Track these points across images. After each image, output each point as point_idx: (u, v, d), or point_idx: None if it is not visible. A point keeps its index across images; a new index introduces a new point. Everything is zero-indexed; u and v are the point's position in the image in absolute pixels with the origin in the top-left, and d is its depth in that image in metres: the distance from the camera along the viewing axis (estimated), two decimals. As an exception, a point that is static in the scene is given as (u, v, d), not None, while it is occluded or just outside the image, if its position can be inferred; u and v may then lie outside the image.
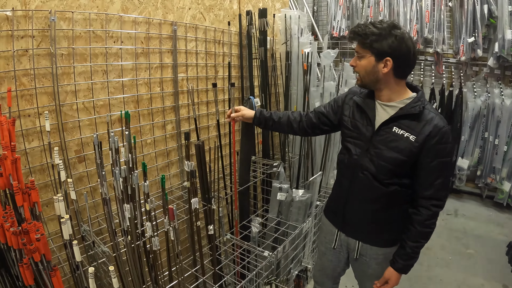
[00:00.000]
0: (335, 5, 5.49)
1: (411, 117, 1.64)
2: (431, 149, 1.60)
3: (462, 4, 4.65)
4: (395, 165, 1.67)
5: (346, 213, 1.90)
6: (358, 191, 1.81)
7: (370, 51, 1.62)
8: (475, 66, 4.93)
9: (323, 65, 3.36)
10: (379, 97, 1.74)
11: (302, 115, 2.10)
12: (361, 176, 1.76)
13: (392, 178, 1.70)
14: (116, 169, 1.59)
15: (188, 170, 1.74)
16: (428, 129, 1.60)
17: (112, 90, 2.05)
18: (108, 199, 1.61)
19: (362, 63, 1.67)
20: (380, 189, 1.72)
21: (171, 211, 1.59)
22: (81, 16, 1.85)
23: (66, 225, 1.46)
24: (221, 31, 2.75)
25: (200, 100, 2.64)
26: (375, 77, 1.66)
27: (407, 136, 1.63)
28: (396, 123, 1.67)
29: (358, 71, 1.71)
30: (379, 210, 1.78)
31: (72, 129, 1.91)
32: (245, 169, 2.47)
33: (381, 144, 1.69)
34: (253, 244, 2.34)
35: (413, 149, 1.62)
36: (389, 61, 1.59)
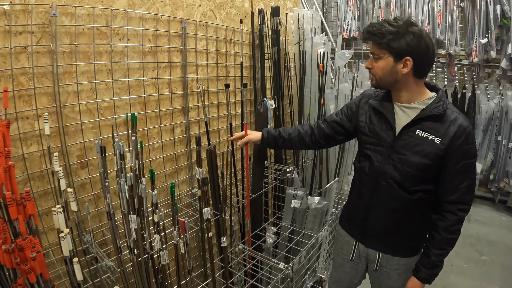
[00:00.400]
0: (345, 6, 5.37)
1: (434, 118, 1.54)
2: (457, 150, 1.52)
3: (475, 5, 4.55)
4: (420, 171, 1.57)
5: (367, 224, 1.77)
6: (381, 201, 1.69)
7: (388, 51, 1.53)
8: (488, 68, 4.83)
9: (337, 66, 3.20)
10: (398, 99, 1.64)
11: (313, 127, 1.99)
12: (384, 184, 1.65)
13: (418, 185, 1.60)
14: (122, 179, 1.42)
15: (200, 178, 1.57)
16: (453, 130, 1.51)
17: (117, 91, 1.90)
18: (113, 213, 1.44)
19: (379, 64, 1.57)
20: (405, 198, 1.62)
21: (183, 225, 1.42)
22: (85, 11, 1.70)
23: (66, 240, 1.29)
24: (233, 29, 2.59)
25: (210, 102, 2.47)
26: (394, 78, 1.56)
27: (432, 138, 1.54)
28: (419, 125, 1.57)
29: (375, 73, 1.61)
30: (403, 219, 1.68)
31: (74, 132, 1.76)
32: (258, 175, 2.31)
33: (405, 149, 1.59)
34: (266, 255, 2.17)
35: (439, 152, 1.52)
36: (408, 60, 1.50)
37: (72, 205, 1.45)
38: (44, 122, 1.54)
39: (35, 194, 1.63)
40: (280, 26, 2.76)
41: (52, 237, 1.68)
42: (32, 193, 1.59)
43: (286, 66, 3.01)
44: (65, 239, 1.28)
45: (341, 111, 1.92)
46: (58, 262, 1.68)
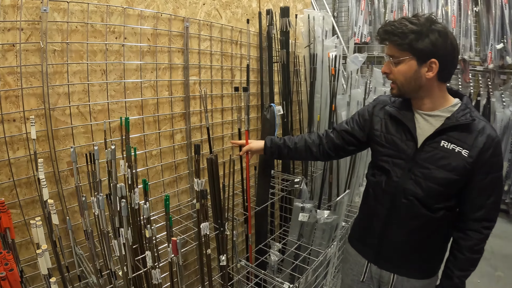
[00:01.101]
0: (357, 10, 5.27)
1: (461, 128, 1.40)
2: (485, 163, 1.38)
3: (490, 9, 4.44)
4: (446, 186, 1.42)
5: (383, 245, 1.62)
6: (400, 220, 1.53)
7: (410, 53, 1.36)
8: (503, 74, 4.70)
9: (350, 71, 3.06)
10: (420, 106, 1.49)
11: (322, 136, 1.84)
12: (405, 202, 1.49)
13: (441, 202, 1.45)
14: (100, 195, 1.27)
15: (198, 190, 1.43)
16: (482, 141, 1.37)
17: (112, 93, 1.77)
18: (91, 231, 1.30)
19: (400, 68, 1.41)
20: (427, 216, 1.47)
21: (174, 245, 1.27)
22: (78, 7, 1.59)
23: (44, 257, 1.15)
24: (239, 30, 2.46)
25: (214, 107, 2.33)
26: (418, 83, 1.40)
27: (459, 150, 1.39)
28: (444, 136, 1.42)
29: (395, 79, 1.44)
30: (422, 238, 1.52)
31: (64, 137, 1.64)
32: (264, 187, 2.16)
33: (429, 162, 1.43)
34: (270, 273, 2.01)
35: (467, 165, 1.38)
36: (434, 63, 1.35)
37: (54, 218, 1.31)
38: (31, 125, 1.42)
39: (22, 202, 1.51)
40: (289, 27, 2.63)
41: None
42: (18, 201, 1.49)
43: (295, 69, 2.87)
44: (43, 255, 1.14)
45: (352, 119, 1.77)
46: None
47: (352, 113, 2.95)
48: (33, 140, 1.43)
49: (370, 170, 1.69)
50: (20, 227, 1.51)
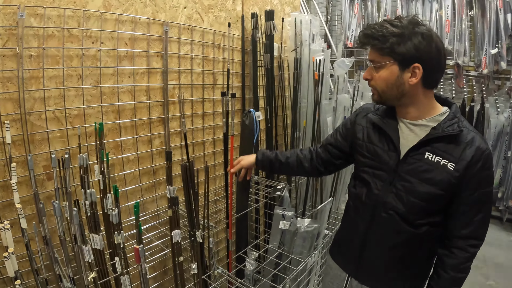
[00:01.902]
0: (350, 14, 5.33)
1: (447, 139, 1.34)
2: (473, 178, 1.33)
3: (484, 14, 4.51)
4: (429, 201, 1.38)
5: (363, 260, 1.59)
6: (380, 234, 1.51)
7: (392, 58, 1.31)
8: (498, 80, 4.76)
9: (337, 76, 3.11)
10: (404, 115, 1.44)
11: (313, 151, 1.83)
12: (385, 216, 1.46)
13: (424, 217, 1.41)
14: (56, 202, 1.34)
15: (169, 197, 1.48)
16: (470, 154, 1.31)
17: (88, 98, 1.82)
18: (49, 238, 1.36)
19: (381, 74, 1.35)
20: (408, 232, 1.43)
21: (137, 253, 1.32)
22: (55, 13, 1.64)
23: (10, 260, 1.20)
24: (222, 34, 2.51)
25: (194, 112, 2.39)
26: (400, 90, 1.35)
27: (444, 163, 1.34)
28: (428, 147, 1.37)
29: (376, 85, 1.40)
30: (405, 255, 1.49)
31: (40, 141, 1.69)
32: (243, 193, 2.21)
33: (411, 175, 1.39)
34: (247, 281, 2.06)
35: (453, 179, 1.33)
36: (418, 68, 1.30)
37: (22, 222, 1.36)
38: (6, 129, 1.48)
39: (-2, 205, 1.56)
40: (274, 31, 2.68)
41: (18, 250, 1.56)
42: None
43: (280, 74, 2.92)
44: (9, 258, 1.19)
45: (335, 131, 1.76)
46: (25, 275, 1.61)
47: (339, 119, 3.02)
48: (8, 145, 1.48)
49: (352, 181, 1.67)
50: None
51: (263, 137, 2.92)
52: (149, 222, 2.12)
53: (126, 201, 2.03)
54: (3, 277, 1.58)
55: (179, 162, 2.29)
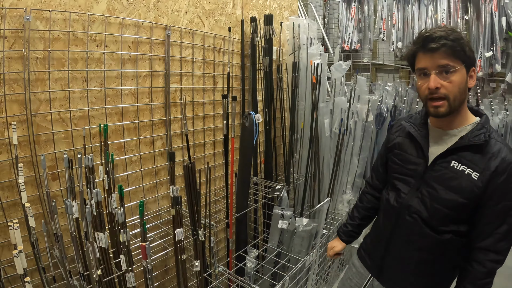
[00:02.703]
0: (347, 17, 5.36)
1: (474, 149, 1.33)
2: (497, 189, 1.30)
3: (479, 17, 4.53)
4: (452, 209, 1.37)
5: (386, 260, 1.63)
6: (404, 236, 1.53)
7: (461, 61, 1.28)
8: (493, 82, 4.76)
9: (334, 79, 3.16)
10: (440, 124, 1.44)
11: (372, 191, 1.84)
12: (409, 219, 1.48)
13: (448, 225, 1.40)
14: (68, 200, 1.37)
15: (172, 196, 1.52)
16: (495, 164, 1.29)
17: (93, 100, 1.86)
18: (60, 235, 1.39)
19: (456, 79, 1.29)
20: (431, 237, 1.43)
21: (144, 250, 1.36)
22: (61, 16, 1.68)
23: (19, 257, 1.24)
24: (222, 38, 2.56)
25: (195, 114, 2.43)
26: (464, 96, 1.33)
27: (469, 173, 1.33)
28: (455, 156, 1.37)
29: (449, 92, 1.30)
30: (427, 261, 1.49)
31: (46, 142, 1.73)
32: (243, 193, 2.25)
33: (437, 182, 1.40)
34: (248, 279, 2.10)
35: (476, 189, 1.32)
36: (474, 71, 1.32)
37: (31, 220, 1.40)
38: (12, 130, 1.51)
39: (4, 205, 1.60)
40: (273, 35, 2.73)
41: (25, 249, 1.62)
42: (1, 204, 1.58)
43: (278, 77, 2.97)
44: (19, 256, 1.23)
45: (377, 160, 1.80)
46: (31, 273, 1.61)
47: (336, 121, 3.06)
48: (14, 145, 1.52)
49: (386, 187, 1.69)
50: (2, 228, 1.61)
51: (262, 138, 2.96)
52: (151, 222, 2.16)
53: (128, 201, 2.07)
54: (7, 276, 1.61)
55: (181, 163, 2.33)
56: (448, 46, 1.26)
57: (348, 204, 3.22)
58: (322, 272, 2.80)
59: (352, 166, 3.32)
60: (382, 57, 5.33)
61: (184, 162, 2.29)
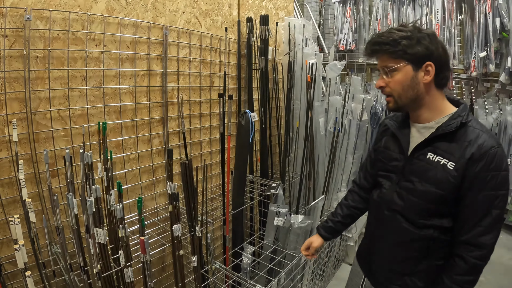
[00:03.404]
0: (342, 18, 5.42)
1: (448, 138, 1.32)
2: (476, 177, 1.26)
3: (473, 18, 4.58)
4: (429, 202, 1.35)
5: (372, 258, 1.62)
6: (384, 232, 1.53)
7: (404, 59, 1.31)
8: (487, 82, 4.83)
9: (329, 78, 3.20)
10: (416, 119, 1.44)
11: (357, 190, 1.81)
12: (387, 214, 1.48)
13: (428, 219, 1.37)
14: (69, 194, 1.40)
15: (170, 192, 1.56)
16: (470, 151, 1.26)
17: (91, 99, 1.89)
18: (62, 228, 1.42)
19: (397, 78, 1.34)
20: (409, 232, 1.40)
21: (142, 244, 1.40)
22: (60, 16, 1.71)
23: (20, 252, 1.27)
24: (218, 38, 2.60)
25: (192, 113, 2.47)
26: (415, 92, 1.35)
27: (444, 163, 1.31)
28: (430, 147, 1.36)
29: (392, 91, 1.37)
30: (410, 259, 1.45)
31: (45, 140, 1.75)
32: (239, 191, 2.29)
33: (413, 175, 1.40)
34: (244, 275, 2.14)
35: (451, 179, 1.29)
36: (430, 66, 1.31)
37: (31, 216, 1.43)
38: (13, 128, 1.53)
39: (4, 201, 1.63)
40: (268, 35, 2.77)
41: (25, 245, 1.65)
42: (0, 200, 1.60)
43: (274, 76, 3.01)
44: (20, 250, 1.26)
45: (367, 158, 1.78)
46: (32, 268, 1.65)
47: (331, 120, 3.10)
48: (15, 143, 1.54)
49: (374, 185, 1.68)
50: (1, 225, 1.63)
51: (257, 137, 3.00)
52: (148, 219, 2.20)
53: (126, 199, 2.10)
54: (6, 272, 1.64)
55: (178, 161, 2.36)
56: (384, 50, 1.33)
57: (343, 202, 3.26)
58: (317, 269, 2.84)
59: (347, 165, 3.36)
60: (377, 57, 5.37)
61: (181, 160, 2.32)
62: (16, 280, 1.67)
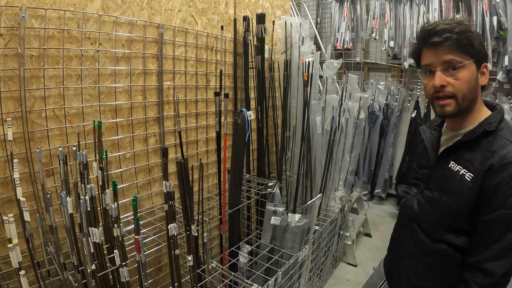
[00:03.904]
0: (339, 17, 5.43)
1: (473, 147, 1.20)
2: (493, 192, 1.13)
3: (471, 16, 4.58)
4: (444, 214, 1.26)
5: (395, 264, 1.57)
6: (403, 239, 1.48)
7: (470, 56, 1.17)
8: None
9: (326, 77, 3.21)
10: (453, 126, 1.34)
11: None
12: (406, 221, 1.43)
13: (442, 233, 1.27)
14: (63, 192, 1.40)
15: (165, 191, 1.56)
16: (490, 162, 1.13)
17: (87, 97, 1.89)
18: (55, 227, 1.42)
19: (464, 76, 1.17)
20: (424, 243, 1.32)
21: (137, 243, 1.40)
22: (56, 14, 1.71)
23: (14, 251, 1.27)
24: (215, 36, 2.60)
25: (188, 112, 2.47)
26: (475, 95, 1.21)
27: (463, 173, 1.19)
28: (454, 155, 1.26)
29: (457, 91, 1.19)
30: (425, 273, 1.35)
31: (40, 139, 1.75)
32: (235, 190, 2.29)
33: (434, 184, 1.32)
34: (241, 274, 2.14)
35: (467, 191, 1.17)
36: (486, 67, 1.20)
37: (26, 215, 1.43)
38: (8, 127, 1.53)
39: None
40: (265, 34, 2.77)
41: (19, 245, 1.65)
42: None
43: (270, 75, 3.01)
44: (14, 250, 1.26)
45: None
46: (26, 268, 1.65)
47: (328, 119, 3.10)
48: (9, 142, 1.54)
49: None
50: (-4, 224, 1.63)
51: (254, 136, 3.00)
52: (144, 218, 2.20)
53: (122, 198, 2.10)
54: (1, 272, 1.63)
55: (174, 160, 2.36)
56: (453, 39, 1.16)
57: (340, 200, 3.27)
58: (315, 268, 2.85)
59: (344, 163, 3.37)
60: (375, 56, 5.41)
61: (177, 159, 2.32)
62: (12, 280, 1.66)
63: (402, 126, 5.23)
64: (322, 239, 2.80)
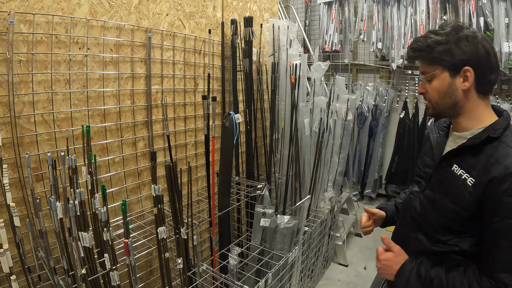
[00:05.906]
0: (327, 19, 5.50)
1: (476, 152, 1.24)
2: (497, 202, 1.15)
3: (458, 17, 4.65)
4: (444, 216, 1.30)
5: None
6: (403, 237, 1.49)
7: (440, 66, 1.28)
8: None
9: (313, 79, 3.26)
10: (455, 127, 1.39)
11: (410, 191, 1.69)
12: (407, 220, 1.47)
13: (441, 234, 1.31)
14: (52, 197, 1.43)
15: (154, 195, 1.59)
16: (494, 170, 1.16)
17: (75, 102, 1.91)
18: (45, 231, 1.45)
19: (434, 85, 1.31)
20: (423, 244, 1.37)
21: (126, 246, 1.43)
22: (44, 19, 1.74)
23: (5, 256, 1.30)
24: (203, 40, 2.64)
25: (177, 115, 2.50)
26: (453, 99, 1.30)
27: (465, 177, 1.23)
28: (458, 159, 1.30)
29: (430, 97, 1.35)
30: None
31: (29, 144, 1.77)
32: (224, 192, 2.33)
33: (435, 185, 1.37)
34: (231, 276, 2.17)
35: (468, 196, 1.21)
36: (468, 71, 1.25)
37: (16, 220, 1.45)
38: (-3, 132, 1.55)
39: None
40: (252, 37, 2.82)
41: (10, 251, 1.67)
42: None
43: (258, 78, 3.05)
44: (4, 255, 1.29)
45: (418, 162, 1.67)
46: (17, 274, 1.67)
47: (316, 121, 3.15)
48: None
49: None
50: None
51: (243, 139, 3.04)
52: (134, 222, 2.22)
53: (112, 202, 2.13)
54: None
55: (163, 164, 2.39)
56: (422, 55, 1.33)
57: (329, 201, 3.32)
58: (306, 269, 2.89)
59: (333, 165, 3.42)
60: (363, 58, 5.49)
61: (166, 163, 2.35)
62: (3, 286, 1.67)
63: (391, 126, 5.32)
64: (312, 240, 2.85)
